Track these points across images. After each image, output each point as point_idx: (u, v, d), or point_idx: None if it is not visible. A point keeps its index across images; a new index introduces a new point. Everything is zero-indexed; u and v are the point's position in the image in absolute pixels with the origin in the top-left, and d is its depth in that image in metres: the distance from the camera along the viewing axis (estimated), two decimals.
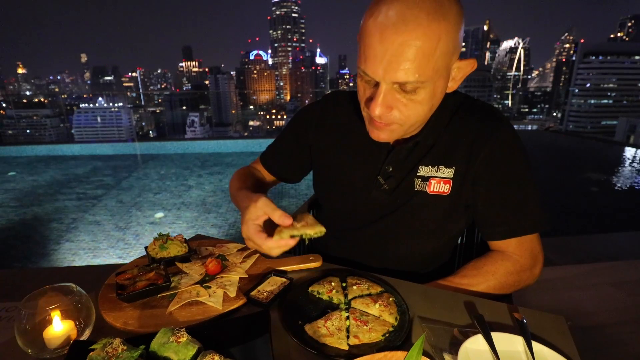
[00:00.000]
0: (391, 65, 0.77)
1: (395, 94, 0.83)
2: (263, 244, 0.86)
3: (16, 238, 5.87)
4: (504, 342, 0.72)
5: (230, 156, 11.14)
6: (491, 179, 0.96)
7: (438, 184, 0.98)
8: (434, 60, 0.78)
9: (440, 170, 0.98)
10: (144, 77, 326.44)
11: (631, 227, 6.34)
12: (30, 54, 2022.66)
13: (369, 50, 0.79)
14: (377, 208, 1.06)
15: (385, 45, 0.76)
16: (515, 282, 0.97)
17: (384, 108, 0.84)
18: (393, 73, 0.78)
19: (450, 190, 0.98)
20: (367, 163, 1.06)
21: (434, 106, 0.89)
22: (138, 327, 0.77)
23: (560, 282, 2.09)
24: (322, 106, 1.19)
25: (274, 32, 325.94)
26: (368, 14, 0.79)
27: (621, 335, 1.54)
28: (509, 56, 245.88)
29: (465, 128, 0.98)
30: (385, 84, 0.81)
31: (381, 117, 0.87)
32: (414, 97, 0.83)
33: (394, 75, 0.78)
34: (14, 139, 73.00)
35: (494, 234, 0.99)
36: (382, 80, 0.81)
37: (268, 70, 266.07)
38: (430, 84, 0.82)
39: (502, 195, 0.96)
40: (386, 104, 0.84)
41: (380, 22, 0.76)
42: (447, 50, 0.79)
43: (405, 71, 0.77)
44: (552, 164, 11.89)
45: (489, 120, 0.97)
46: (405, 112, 0.85)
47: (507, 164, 0.95)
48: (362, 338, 0.74)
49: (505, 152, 0.95)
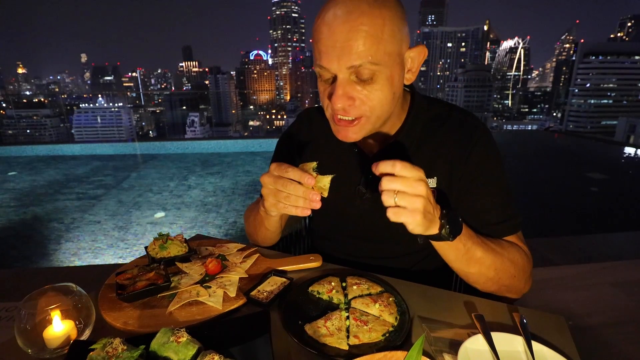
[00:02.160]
0: (344, 52, 0.80)
1: (354, 85, 0.85)
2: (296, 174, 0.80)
3: (16, 238, 5.87)
4: (504, 342, 0.72)
5: (230, 156, 11.14)
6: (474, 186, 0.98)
7: None
8: (383, 44, 0.81)
9: None
10: (144, 77, 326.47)
11: (631, 227, 6.35)
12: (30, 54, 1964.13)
13: (322, 46, 0.83)
14: (364, 216, 1.08)
15: (335, 36, 0.80)
16: (517, 272, 0.94)
17: (345, 99, 0.85)
18: (346, 58, 0.81)
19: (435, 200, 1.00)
20: (348, 173, 1.08)
21: (396, 94, 0.90)
22: (138, 327, 0.77)
23: (560, 282, 2.09)
24: (297, 127, 1.23)
25: (274, 32, 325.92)
26: (317, 18, 0.85)
27: (621, 335, 1.54)
28: (509, 56, 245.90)
29: (444, 139, 1.00)
30: (342, 74, 0.83)
31: (346, 111, 0.87)
32: (373, 85, 0.85)
33: (348, 60, 0.81)
34: (14, 139, 73.01)
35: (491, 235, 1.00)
36: (338, 71, 0.83)
37: (268, 70, 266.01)
38: (386, 69, 0.84)
39: (489, 199, 0.98)
40: (346, 95, 0.85)
41: (327, 19, 0.81)
42: (394, 35, 0.82)
43: (357, 54, 0.80)
44: (552, 164, 11.89)
45: (467, 131, 1.00)
46: (367, 102, 0.86)
47: (489, 171, 0.99)
48: (362, 338, 0.74)
49: (485, 160, 0.98)
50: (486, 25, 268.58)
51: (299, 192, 0.81)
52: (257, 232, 1.14)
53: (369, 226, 1.08)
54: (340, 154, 1.09)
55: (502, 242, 0.97)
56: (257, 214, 1.06)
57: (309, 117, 1.22)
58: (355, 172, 1.07)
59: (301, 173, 0.81)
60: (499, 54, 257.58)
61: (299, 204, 0.82)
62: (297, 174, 0.81)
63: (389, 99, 0.88)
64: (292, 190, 0.81)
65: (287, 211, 0.85)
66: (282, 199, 0.83)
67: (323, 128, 1.14)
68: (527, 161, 11.99)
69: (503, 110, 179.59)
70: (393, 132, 1.03)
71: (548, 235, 5.28)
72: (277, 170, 0.83)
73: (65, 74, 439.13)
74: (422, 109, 1.03)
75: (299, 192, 0.81)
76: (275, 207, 0.86)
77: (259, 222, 1.08)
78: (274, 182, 0.83)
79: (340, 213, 1.11)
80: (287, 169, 0.81)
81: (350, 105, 0.86)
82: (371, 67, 0.82)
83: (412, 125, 1.01)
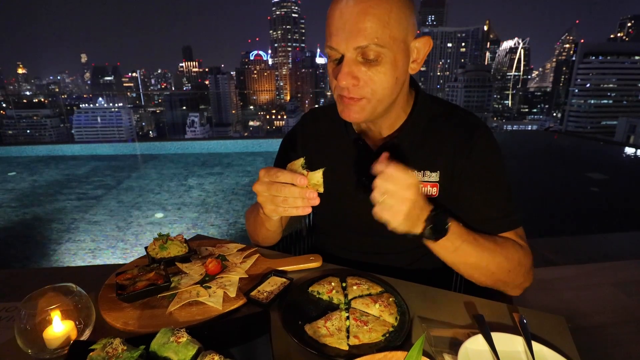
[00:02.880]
0: (352, 33, 0.84)
1: (359, 65, 0.88)
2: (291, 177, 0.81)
3: (16, 238, 5.87)
4: (504, 342, 0.72)
5: (230, 156, 11.13)
6: (476, 181, 0.99)
7: (425, 187, 1.03)
8: (389, 28, 0.85)
9: (426, 174, 1.03)
10: (144, 77, 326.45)
11: (631, 227, 6.34)
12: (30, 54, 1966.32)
13: (332, 27, 0.87)
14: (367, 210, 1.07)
15: (345, 17, 0.85)
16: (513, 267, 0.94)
17: (349, 78, 0.88)
18: (353, 39, 0.85)
19: (438, 193, 1.02)
20: (352, 167, 1.10)
21: (399, 79, 0.92)
22: (138, 327, 0.77)
23: (560, 282, 2.09)
24: (302, 127, 1.25)
25: (274, 32, 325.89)
26: (331, 5, 0.89)
27: (621, 335, 1.54)
28: (509, 56, 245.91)
29: (446, 135, 1.02)
30: (349, 53, 0.86)
31: (349, 90, 0.90)
32: (377, 68, 0.88)
33: (355, 40, 0.85)
34: (14, 139, 73.02)
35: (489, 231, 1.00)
36: (346, 50, 0.87)
37: (268, 71, 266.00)
38: (390, 53, 0.87)
39: (489, 195, 0.99)
40: (351, 74, 0.88)
41: (338, 4, 0.86)
42: (400, 21, 0.86)
43: (364, 35, 0.84)
44: (552, 164, 11.89)
45: (469, 128, 1.02)
46: (370, 83, 0.89)
47: (489, 167, 1.00)
48: (362, 338, 0.74)
49: (485, 156, 1.00)
50: (486, 25, 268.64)
51: (295, 194, 0.82)
52: (258, 233, 1.15)
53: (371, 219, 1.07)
54: (345, 148, 1.11)
55: (497, 238, 0.97)
56: (258, 216, 1.07)
57: (314, 116, 1.24)
58: (359, 165, 1.08)
59: (292, 175, 0.81)
60: (499, 54, 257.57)
61: (298, 204, 0.83)
62: (288, 177, 0.81)
63: (392, 82, 0.91)
64: (287, 194, 0.82)
65: (288, 213, 0.86)
66: (280, 203, 0.84)
67: (328, 125, 1.17)
68: (527, 161, 11.98)
69: (503, 111, 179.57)
70: (397, 126, 1.05)
71: (548, 236, 5.28)
72: (267, 177, 0.84)
73: (65, 74, 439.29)
74: (425, 106, 1.06)
75: (295, 194, 0.82)
76: (275, 212, 0.87)
77: (259, 224, 1.09)
78: (268, 189, 0.84)
79: (345, 206, 1.12)
80: (277, 173, 0.82)
81: (355, 85, 0.89)
82: (376, 49, 0.85)
83: (416, 121, 1.04)
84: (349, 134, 1.10)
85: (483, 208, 0.99)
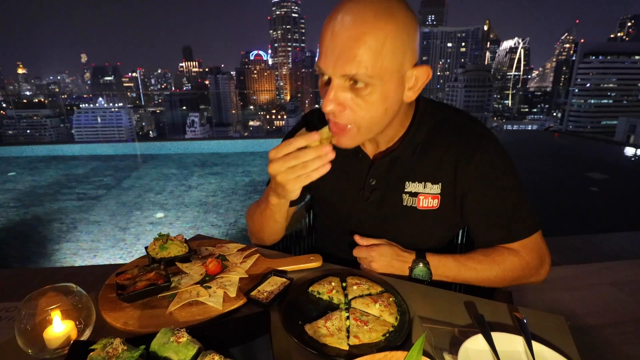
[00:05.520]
0: (340, 58, 0.80)
1: (347, 92, 0.84)
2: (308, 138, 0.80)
3: (16, 238, 5.88)
4: (504, 342, 0.72)
5: (230, 156, 11.14)
6: (480, 193, 0.99)
7: (426, 199, 1.01)
8: (381, 58, 0.80)
9: (427, 186, 1.01)
10: (144, 77, 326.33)
11: (631, 227, 6.34)
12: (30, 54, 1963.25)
13: (322, 47, 0.83)
14: (367, 220, 1.09)
15: (335, 40, 0.80)
16: (518, 277, 1.00)
17: (335, 105, 0.84)
18: (341, 65, 0.80)
19: (439, 205, 1.02)
20: (352, 176, 1.09)
21: (389, 111, 0.88)
22: (138, 327, 0.77)
23: (560, 282, 2.09)
24: (302, 126, 1.22)
25: (274, 32, 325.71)
26: (325, 21, 0.84)
27: (621, 335, 1.54)
28: (509, 56, 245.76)
29: (449, 145, 0.99)
30: (336, 78, 0.82)
31: (335, 115, 0.86)
32: (365, 97, 0.83)
33: (342, 68, 0.80)
34: (14, 139, 73.04)
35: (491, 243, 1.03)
36: (333, 75, 0.82)
37: (268, 71, 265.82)
38: (380, 83, 0.82)
39: (492, 208, 0.99)
40: (337, 101, 0.84)
41: (332, 22, 0.81)
42: (395, 50, 0.81)
43: (353, 64, 0.79)
44: (552, 164, 11.89)
45: (472, 137, 0.99)
46: (358, 112, 0.85)
47: (493, 178, 0.98)
48: (362, 338, 0.74)
49: (489, 167, 0.97)
50: (486, 25, 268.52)
51: (312, 155, 0.81)
52: (263, 229, 1.14)
53: (371, 227, 1.09)
54: (344, 157, 1.07)
55: (494, 255, 1.00)
56: (265, 210, 1.06)
57: (315, 117, 1.21)
58: (359, 175, 1.08)
59: (305, 135, 0.81)
60: (499, 54, 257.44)
61: (318, 165, 0.82)
62: (302, 140, 0.81)
63: (380, 114, 0.87)
64: (304, 157, 0.81)
65: (310, 179, 0.83)
66: (300, 170, 0.82)
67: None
68: (527, 161, 11.97)
69: (503, 110, 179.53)
70: (398, 136, 1.02)
71: (548, 235, 5.27)
72: (279, 152, 0.82)
73: (65, 74, 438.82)
74: (427, 114, 1.02)
75: (312, 155, 0.81)
76: (297, 183, 0.84)
77: (267, 217, 1.08)
78: (284, 163, 0.82)
79: (344, 214, 1.13)
80: (288, 142, 0.81)
81: (340, 111, 0.85)
82: (365, 79, 0.81)
83: (417, 130, 1.00)
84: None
85: (491, 216, 1.00)
